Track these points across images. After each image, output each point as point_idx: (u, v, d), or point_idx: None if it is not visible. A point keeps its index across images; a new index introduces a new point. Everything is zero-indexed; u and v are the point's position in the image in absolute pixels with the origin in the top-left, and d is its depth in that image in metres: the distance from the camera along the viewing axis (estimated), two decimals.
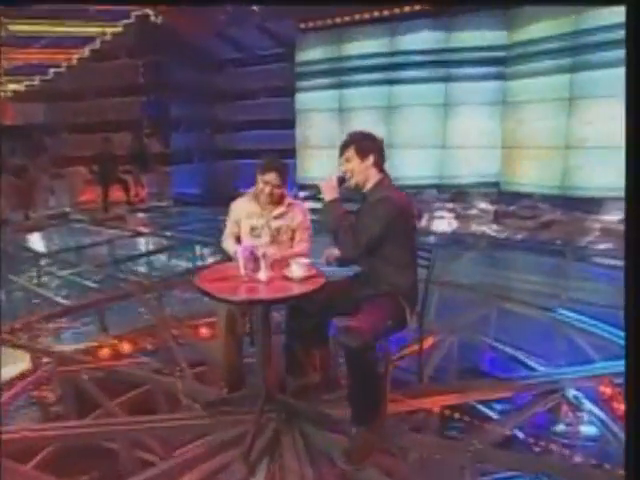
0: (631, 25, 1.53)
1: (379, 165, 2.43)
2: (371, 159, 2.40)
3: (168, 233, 7.67)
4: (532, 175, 8.21)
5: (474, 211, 8.68)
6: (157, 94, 8.70)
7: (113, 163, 8.14)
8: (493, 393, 3.06)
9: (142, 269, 6.02)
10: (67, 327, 4.15)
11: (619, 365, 3.24)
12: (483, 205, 8.73)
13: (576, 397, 2.99)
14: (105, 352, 3.67)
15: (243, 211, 2.85)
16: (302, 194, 9.53)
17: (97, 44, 8.25)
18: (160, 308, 4.32)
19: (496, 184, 8.57)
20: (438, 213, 8.47)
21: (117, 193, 8.44)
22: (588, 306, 4.42)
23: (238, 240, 2.88)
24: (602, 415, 2.90)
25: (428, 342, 3.19)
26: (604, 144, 7.20)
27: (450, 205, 8.75)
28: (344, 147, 2.46)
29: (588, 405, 2.95)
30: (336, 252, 2.42)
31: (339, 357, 2.92)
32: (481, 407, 3.29)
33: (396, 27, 8.00)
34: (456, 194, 8.76)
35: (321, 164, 9.05)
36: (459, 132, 8.35)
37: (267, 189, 2.74)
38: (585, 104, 7.27)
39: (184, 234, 7.50)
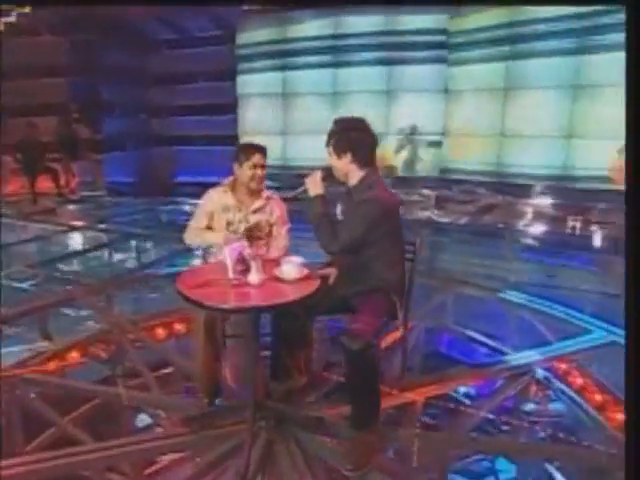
0: (631, 25, 1.51)
1: (361, 161, 2.25)
2: (349, 156, 2.24)
3: (103, 226, 7.11)
4: (470, 161, 8.48)
5: (415, 197, 8.84)
6: (86, 75, 7.94)
7: (39, 150, 7.35)
8: (471, 380, 3.09)
9: (81, 268, 5.51)
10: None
11: (577, 343, 3.41)
12: (424, 191, 8.91)
13: (546, 377, 3.08)
14: (52, 364, 3.30)
15: (218, 204, 2.61)
16: None
17: (13, 17, 7.34)
18: (111, 311, 3.96)
19: (435, 169, 8.76)
20: None
21: (45, 183, 7.65)
22: (533, 287, 4.64)
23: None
24: (569, 392, 3.01)
25: (396, 334, 3.16)
26: (536, 133, 7.56)
27: (392, 191, 8.83)
28: (327, 140, 2.31)
29: (557, 384, 3.05)
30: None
31: (329, 357, 2.82)
32: (456, 395, 3.35)
33: (341, 10, 7.85)
34: (397, 180, 8.85)
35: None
36: (403, 117, 8.40)
37: (258, 172, 2.55)
38: (520, 94, 7.56)
39: (122, 227, 6.98)
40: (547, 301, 4.17)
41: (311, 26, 8.05)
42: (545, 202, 7.85)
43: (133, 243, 6.44)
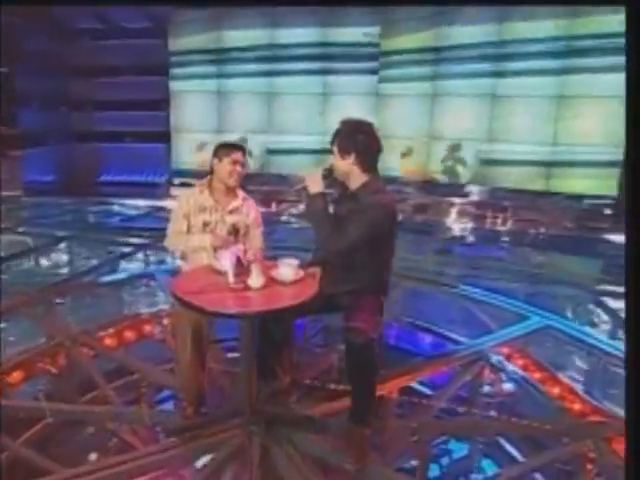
0: (631, 25, 1.52)
1: (364, 164, 2.25)
2: (352, 157, 2.23)
3: (22, 229, 6.48)
4: (398, 162, 8.84)
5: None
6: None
7: None
8: (434, 370, 3.25)
9: (7, 277, 4.98)
10: None
11: (519, 329, 3.72)
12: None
13: (499, 361, 3.33)
14: None
15: (194, 205, 2.52)
16: (177, 181, 8.91)
17: None
18: (54, 321, 3.63)
19: None
20: None
21: None
22: (470, 278, 4.98)
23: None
24: (520, 372, 3.28)
25: None
26: (459, 137, 8.05)
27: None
28: (332, 139, 2.29)
29: (509, 366, 3.31)
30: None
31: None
32: (415, 385, 3.51)
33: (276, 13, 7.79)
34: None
35: (199, 149, 8.50)
36: (336, 121, 8.50)
37: (238, 168, 2.50)
38: (447, 100, 7.99)
39: (48, 229, 6.42)
40: (483, 290, 4.49)
41: (248, 22, 7.89)
42: (469, 200, 8.41)
43: (62, 246, 5.96)
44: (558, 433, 2.69)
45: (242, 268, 1.98)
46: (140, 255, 5.63)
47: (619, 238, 6.62)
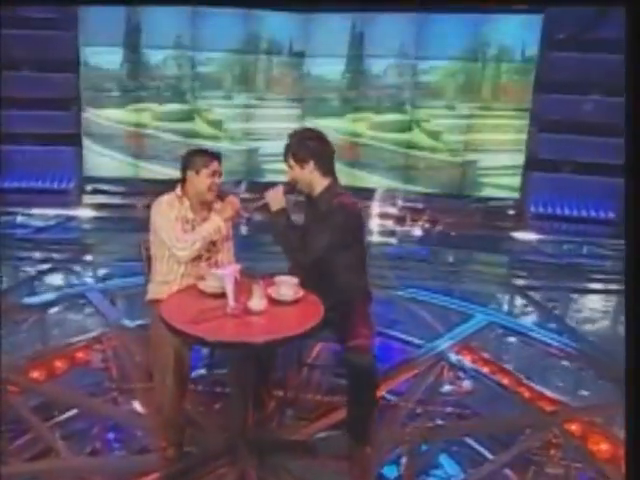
0: (631, 25, 1.53)
1: (323, 168, 2.22)
2: (311, 164, 2.19)
3: None
4: None
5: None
6: None
7: None
8: (402, 376, 3.22)
9: None
10: None
11: (469, 327, 3.86)
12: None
13: (458, 360, 3.40)
14: None
15: (178, 214, 2.24)
16: (89, 187, 8.08)
17: None
18: None
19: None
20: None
21: None
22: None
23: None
24: (481, 369, 3.38)
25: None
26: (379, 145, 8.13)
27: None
28: (284, 154, 2.24)
29: (467, 364, 3.40)
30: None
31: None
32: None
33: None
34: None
35: (111, 154, 7.75)
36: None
37: (216, 180, 2.26)
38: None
39: None
40: (422, 290, 4.62)
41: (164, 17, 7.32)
42: (390, 205, 8.65)
43: None
44: (523, 426, 2.79)
45: (240, 289, 1.77)
46: (58, 271, 4.98)
47: (522, 235, 7.25)
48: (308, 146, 2.18)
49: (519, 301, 4.87)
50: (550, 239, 7.20)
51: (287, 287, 1.88)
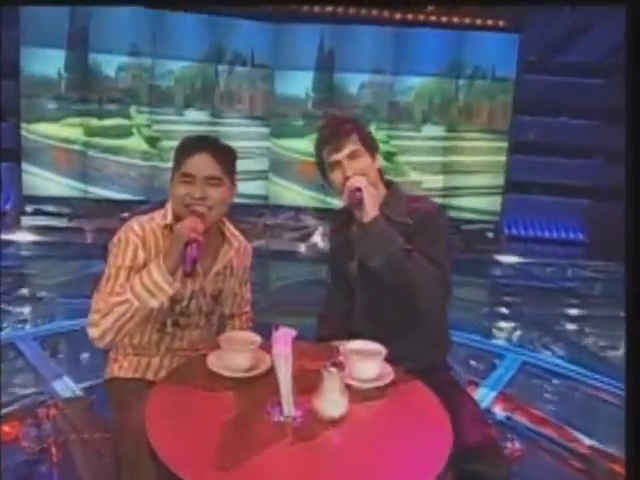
0: (631, 25, 1.41)
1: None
2: (378, 157, 1.46)
3: None
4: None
5: (244, 225, 7.95)
6: None
7: None
8: None
9: None
10: None
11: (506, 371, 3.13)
12: (251, 218, 8.12)
13: (507, 417, 2.68)
14: None
15: (155, 252, 1.31)
16: (30, 209, 6.91)
17: None
18: None
19: (265, 197, 8.05)
20: None
21: None
22: None
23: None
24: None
25: None
26: None
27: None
28: (338, 136, 1.39)
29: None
30: None
31: None
32: None
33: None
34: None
35: (57, 165, 6.54)
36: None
37: (197, 191, 1.29)
38: None
39: None
40: None
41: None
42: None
43: None
44: None
45: (297, 376, 0.90)
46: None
47: (504, 258, 6.85)
48: (369, 133, 1.45)
49: (534, 333, 4.23)
50: (529, 261, 6.82)
51: (371, 366, 1.02)
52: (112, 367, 1.41)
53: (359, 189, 1.30)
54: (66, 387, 2.64)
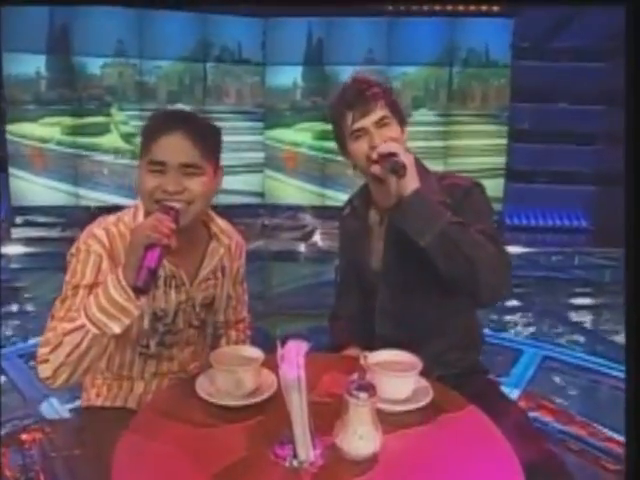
0: (631, 25, 1.34)
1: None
2: (406, 132, 1.21)
3: None
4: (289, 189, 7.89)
5: (240, 226, 7.72)
6: None
7: None
8: None
9: None
10: None
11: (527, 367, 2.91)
12: (248, 219, 7.91)
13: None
14: None
15: (122, 259, 1.06)
16: (20, 220, 6.69)
17: None
18: None
19: (261, 195, 7.82)
20: None
21: None
22: None
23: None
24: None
25: None
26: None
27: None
28: (365, 100, 1.14)
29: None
30: None
31: None
32: None
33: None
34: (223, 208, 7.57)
35: (47, 171, 6.27)
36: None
37: (170, 185, 1.02)
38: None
39: None
40: None
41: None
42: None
43: None
44: None
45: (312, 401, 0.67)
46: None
47: (508, 249, 6.62)
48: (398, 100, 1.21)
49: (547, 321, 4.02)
50: (535, 251, 6.61)
51: (407, 379, 0.79)
52: (89, 393, 1.18)
53: (394, 154, 1.07)
54: (51, 408, 2.41)
